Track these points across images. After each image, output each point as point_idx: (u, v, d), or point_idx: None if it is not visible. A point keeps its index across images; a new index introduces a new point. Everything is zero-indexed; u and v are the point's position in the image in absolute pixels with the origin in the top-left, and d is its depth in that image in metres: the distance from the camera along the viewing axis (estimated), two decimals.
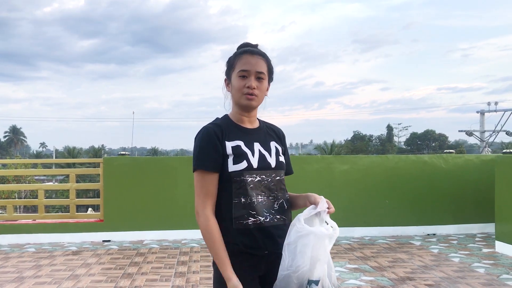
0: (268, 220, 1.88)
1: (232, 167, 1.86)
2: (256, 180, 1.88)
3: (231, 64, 1.95)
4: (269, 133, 2.04)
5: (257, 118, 2.05)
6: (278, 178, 1.95)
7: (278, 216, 1.91)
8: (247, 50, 1.92)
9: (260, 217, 1.86)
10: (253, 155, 1.90)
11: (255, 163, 1.89)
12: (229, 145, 1.89)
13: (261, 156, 1.92)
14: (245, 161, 1.87)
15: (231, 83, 1.94)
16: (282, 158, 2.00)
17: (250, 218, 1.86)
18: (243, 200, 1.86)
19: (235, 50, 2.00)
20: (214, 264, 1.86)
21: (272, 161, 1.94)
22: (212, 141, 1.88)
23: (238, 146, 1.89)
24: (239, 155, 1.88)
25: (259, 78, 1.89)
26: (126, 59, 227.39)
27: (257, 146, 1.93)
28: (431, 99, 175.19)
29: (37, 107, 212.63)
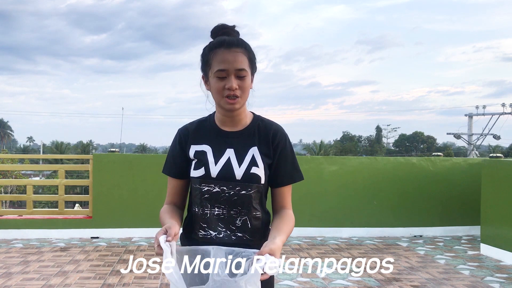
0: (221, 236, 1.72)
1: (192, 173, 1.74)
2: (214, 191, 1.70)
3: (206, 60, 1.72)
4: (254, 136, 1.78)
5: (253, 114, 1.84)
6: (244, 192, 1.71)
7: (239, 234, 1.72)
8: (223, 42, 1.67)
9: (211, 232, 1.72)
10: (216, 163, 1.71)
11: (214, 172, 1.70)
12: (193, 149, 1.76)
13: (227, 165, 1.71)
14: (203, 168, 1.71)
15: (209, 82, 1.72)
16: (257, 170, 1.72)
17: (200, 230, 1.74)
18: (196, 209, 1.74)
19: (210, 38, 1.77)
20: (181, 239, 1.84)
21: (239, 172, 1.70)
22: (174, 146, 1.81)
23: (202, 152, 1.74)
24: (199, 161, 1.73)
25: (239, 76, 1.66)
26: (128, 55, 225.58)
27: (228, 153, 1.73)
28: (423, 101, 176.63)
29: (32, 101, 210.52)
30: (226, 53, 1.65)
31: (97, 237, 6.90)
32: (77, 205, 21.85)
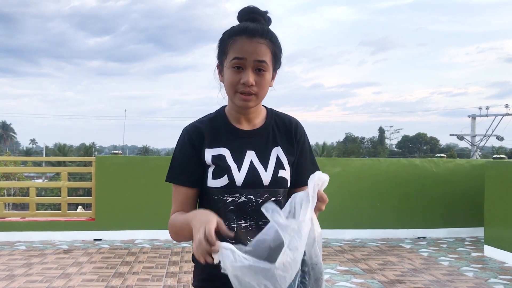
0: None
1: (210, 182, 1.48)
2: (240, 201, 1.47)
3: (223, 47, 1.49)
4: (275, 134, 1.58)
5: (265, 108, 1.62)
6: (273, 199, 1.50)
7: None
8: (245, 30, 1.44)
9: (241, 247, 1.45)
10: (239, 168, 1.48)
11: (239, 180, 1.46)
12: (209, 153, 1.49)
13: (251, 170, 1.49)
14: (226, 176, 1.46)
15: (223, 72, 1.50)
16: (284, 173, 1.53)
17: None
18: None
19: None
20: (194, 261, 1.52)
21: (266, 177, 1.49)
22: (185, 148, 1.52)
23: (221, 156, 1.49)
24: (219, 168, 1.48)
25: (258, 70, 1.43)
26: (131, 57, 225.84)
27: (250, 155, 1.51)
28: (426, 102, 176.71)
29: (36, 103, 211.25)
30: (246, 43, 1.43)
31: (100, 239, 6.90)
32: (80, 207, 21.91)
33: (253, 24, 1.47)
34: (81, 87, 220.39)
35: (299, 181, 1.57)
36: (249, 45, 1.43)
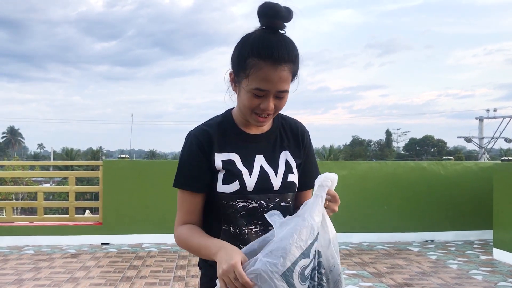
0: None
1: (221, 187, 1.46)
2: (251, 206, 1.46)
3: (243, 67, 1.39)
4: (282, 138, 1.57)
5: None
6: (283, 203, 1.51)
7: None
8: (270, 56, 1.34)
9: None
10: (250, 173, 1.47)
11: (250, 185, 1.45)
12: (219, 158, 1.47)
13: (262, 175, 1.48)
14: (237, 181, 1.45)
15: (239, 88, 1.43)
16: (293, 177, 1.53)
17: None
18: (232, 229, 1.47)
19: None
20: (201, 267, 1.58)
21: (276, 181, 1.49)
22: (194, 153, 1.47)
23: (231, 161, 1.47)
24: (230, 173, 1.46)
25: (278, 97, 1.40)
26: (137, 62, 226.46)
27: (259, 160, 1.50)
28: (433, 105, 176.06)
29: (43, 108, 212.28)
30: (271, 71, 1.35)
31: (108, 244, 6.92)
32: (87, 211, 21.97)
33: (278, 48, 1.36)
34: (88, 92, 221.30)
35: (305, 185, 1.59)
36: (274, 74, 1.35)
